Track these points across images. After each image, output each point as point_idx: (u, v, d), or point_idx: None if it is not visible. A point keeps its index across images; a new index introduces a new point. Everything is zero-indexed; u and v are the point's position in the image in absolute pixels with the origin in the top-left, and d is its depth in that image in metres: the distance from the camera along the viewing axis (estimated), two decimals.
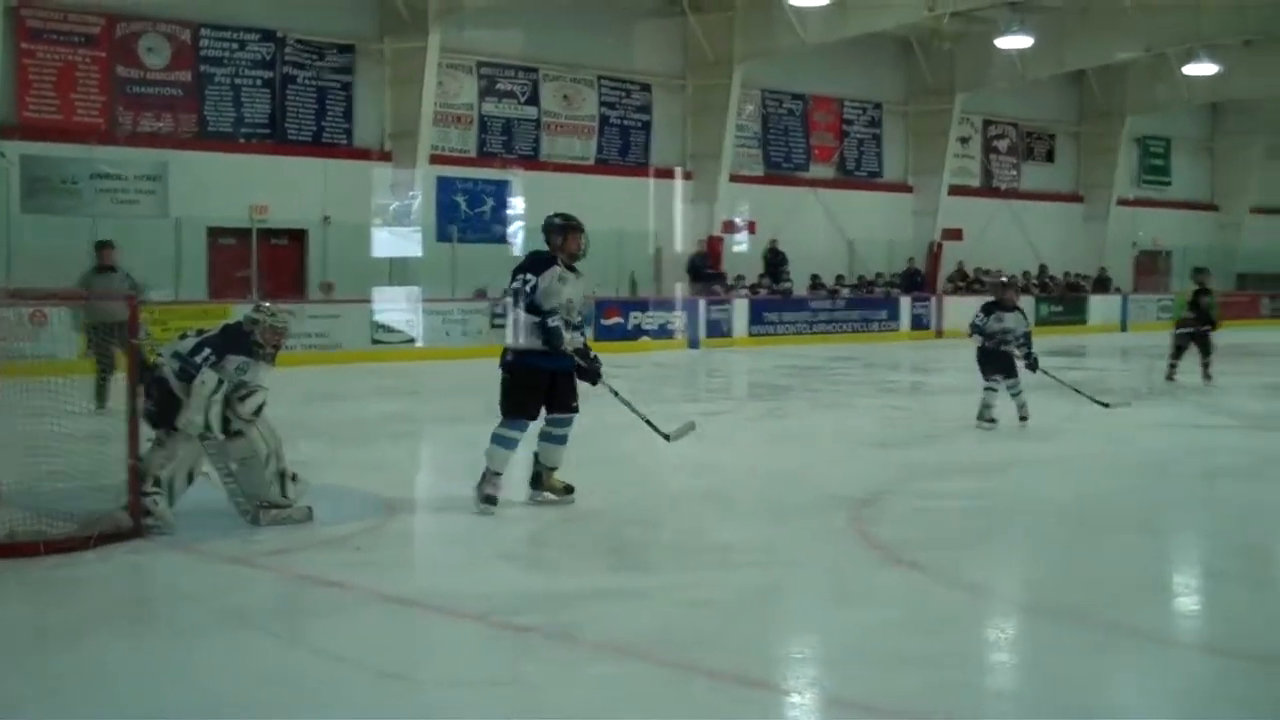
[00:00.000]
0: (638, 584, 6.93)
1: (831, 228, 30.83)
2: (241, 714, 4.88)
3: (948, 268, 32.51)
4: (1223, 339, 18.09)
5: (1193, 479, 10.51)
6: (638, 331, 24.73)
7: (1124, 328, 32.67)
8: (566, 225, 8.56)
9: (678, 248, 27.38)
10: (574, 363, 8.63)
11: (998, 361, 13.04)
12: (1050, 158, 36.69)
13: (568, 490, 8.75)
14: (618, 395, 8.90)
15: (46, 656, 5.57)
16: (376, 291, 22.39)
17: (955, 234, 32.41)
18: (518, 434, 8.62)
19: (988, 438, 12.61)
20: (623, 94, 27.96)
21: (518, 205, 25.66)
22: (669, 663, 5.42)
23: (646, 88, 28.16)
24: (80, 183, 20.85)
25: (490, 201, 25.37)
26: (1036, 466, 10.95)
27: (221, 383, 7.72)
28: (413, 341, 22.21)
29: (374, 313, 21.89)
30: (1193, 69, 31.11)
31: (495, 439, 8.58)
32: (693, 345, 25.31)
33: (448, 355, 21.54)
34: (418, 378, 19.12)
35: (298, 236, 23.46)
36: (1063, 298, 33.17)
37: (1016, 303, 13.52)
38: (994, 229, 33.67)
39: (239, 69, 22.96)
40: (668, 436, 9.05)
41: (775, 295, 28.42)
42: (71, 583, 6.71)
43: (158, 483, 7.68)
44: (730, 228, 28.54)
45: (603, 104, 27.70)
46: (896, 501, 9.20)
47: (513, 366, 8.55)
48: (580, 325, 8.83)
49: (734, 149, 28.70)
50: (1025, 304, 31.63)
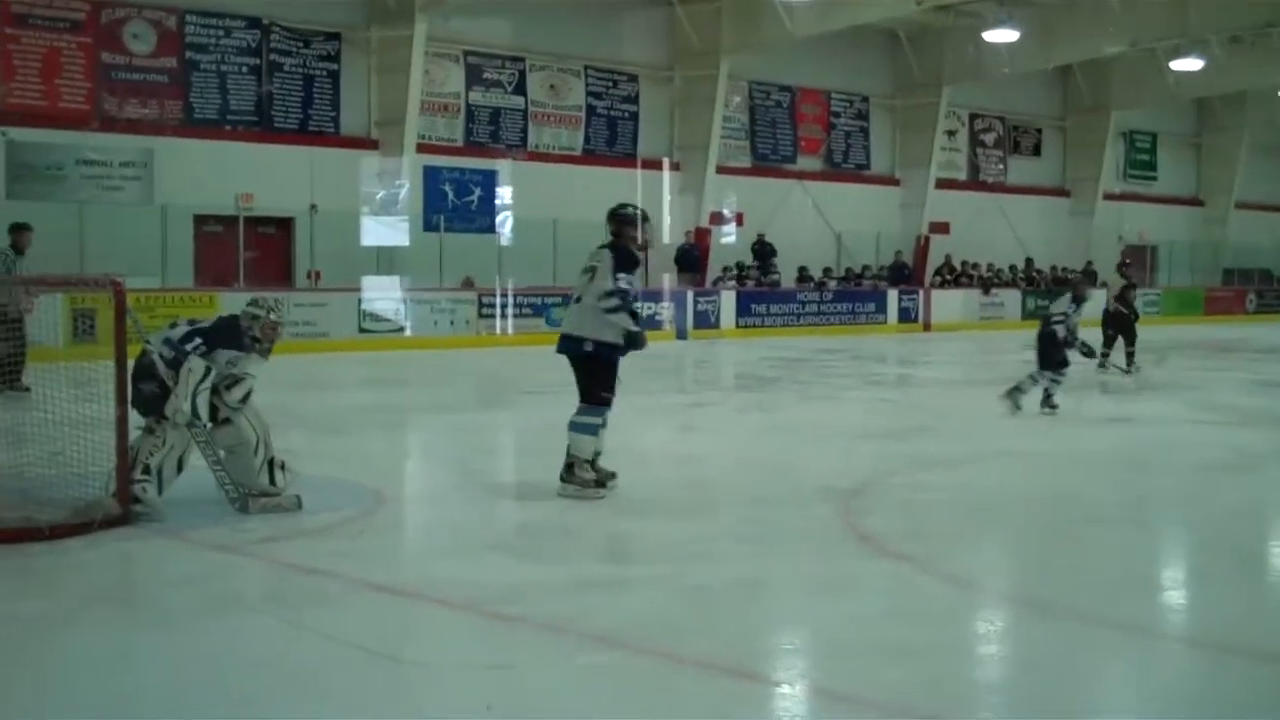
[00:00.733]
0: (627, 574, 6.94)
1: (819, 220, 30.89)
2: (227, 701, 4.87)
3: (935, 261, 32.57)
4: (1210, 335, 18.17)
5: (1180, 473, 10.53)
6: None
7: None
8: (640, 216, 8.71)
9: (665, 239, 27.38)
10: None
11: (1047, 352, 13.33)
12: (1037, 151, 36.78)
13: (613, 476, 8.78)
14: None
15: (33, 643, 5.55)
16: (364, 280, 22.38)
17: (942, 227, 32.49)
18: (603, 420, 8.67)
19: (975, 430, 12.64)
20: (610, 84, 27.95)
21: (505, 195, 25.64)
22: (657, 653, 5.41)
23: (634, 78, 28.16)
24: (66, 169, 20.82)
25: (477, 191, 25.35)
26: (1025, 459, 10.97)
27: (209, 370, 7.70)
28: (400, 330, 22.21)
29: (361, 302, 21.87)
30: (1179, 64, 31.17)
31: (583, 428, 8.59)
32: (680, 336, 25.36)
33: (435, 344, 21.55)
34: (405, 367, 19.13)
35: (285, 225, 23.42)
36: (1050, 291, 33.23)
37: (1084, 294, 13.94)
38: (981, 222, 33.77)
39: (225, 56, 22.94)
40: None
41: (763, 287, 28.45)
42: (59, 569, 6.70)
43: (147, 470, 7.66)
44: (718, 219, 28.58)
45: (589, 94, 27.70)
46: (884, 493, 9.21)
47: (600, 356, 8.57)
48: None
49: (721, 141, 28.73)
50: (1012, 297, 32.22)
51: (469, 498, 8.97)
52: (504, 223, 25.53)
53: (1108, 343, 18.59)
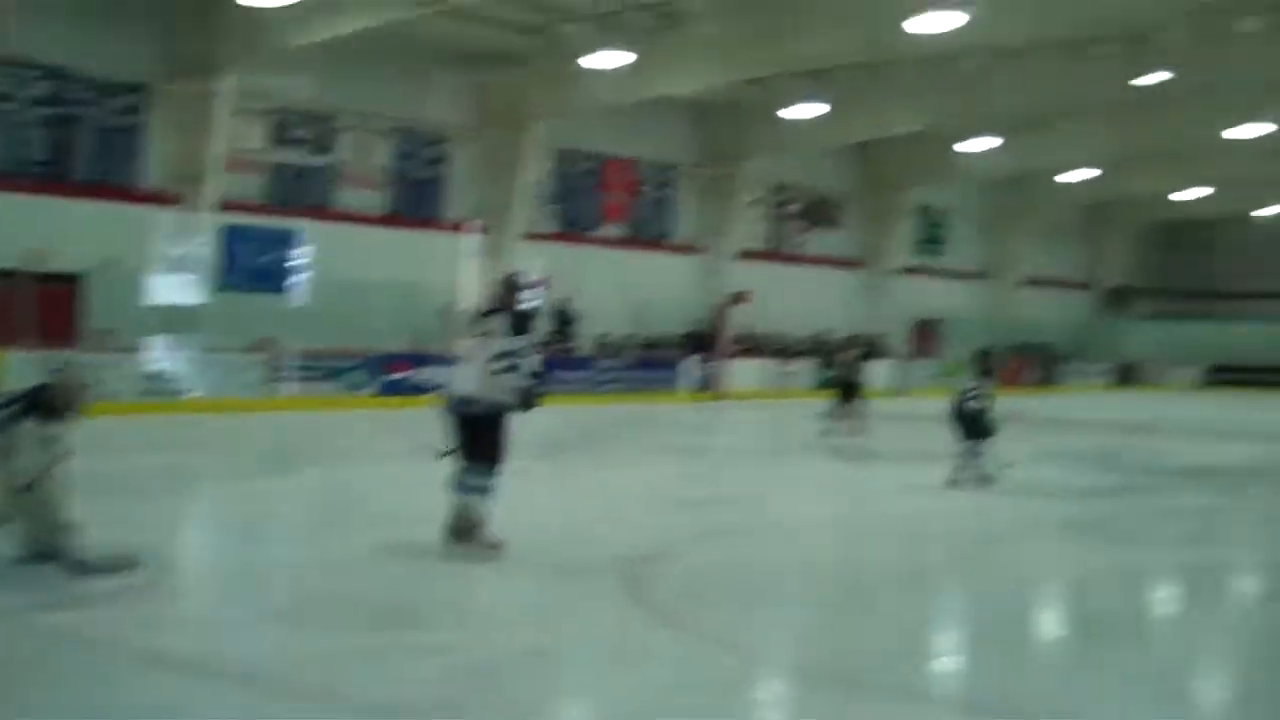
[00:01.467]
0: (410, 642, 6.84)
1: (623, 287, 31.10)
2: None
3: (734, 329, 33.05)
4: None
5: (961, 542, 10.86)
6: (425, 387, 24.43)
7: (903, 393, 33.48)
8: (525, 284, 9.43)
9: (464, 304, 27.29)
10: None
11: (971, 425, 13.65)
12: (835, 224, 37.70)
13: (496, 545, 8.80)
14: None
15: None
16: (149, 340, 21.71)
17: (743, 297, 33.06)
18: (495, 481, 8.76)
19: (766, 499, 12.85)
20: (417, 146, 27.87)
21: (305, 255, 25.29)
22: None
23: (441, 141, 28.12)
24: None
25: (278, 250, 24.95)
26: (813, 529, 11.19)
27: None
28: (188, 391, 21.60)
29: (147, 362, 21.25)
30: (968, 146, 32.38)
31: (474, 489, 8.70)
32: None
33: (224, 407, 21.05)
34: (192, 429, 18.63)
35: (73, 281, 22.64)
36: (829, 360, 33.94)
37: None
38: (780, 293, 34.43)
39: (20, 105, 22.20)
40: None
41: (561, 353, 28.50)
42: None
43: None
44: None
45: (396, 155, 27.56)
46: (675, 562, 9.30)
47: (491, 417, 8.71)
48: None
49: (528, 206, 28.81)
50: (808, 368, 32.87)
51: (249, 565, 8.81)
52: (300, 283, 25.15)
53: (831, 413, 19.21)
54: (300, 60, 24.17)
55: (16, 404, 7.68)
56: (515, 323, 8.93)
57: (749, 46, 25.25)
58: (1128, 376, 44.67)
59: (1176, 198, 41.57)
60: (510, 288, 9.33)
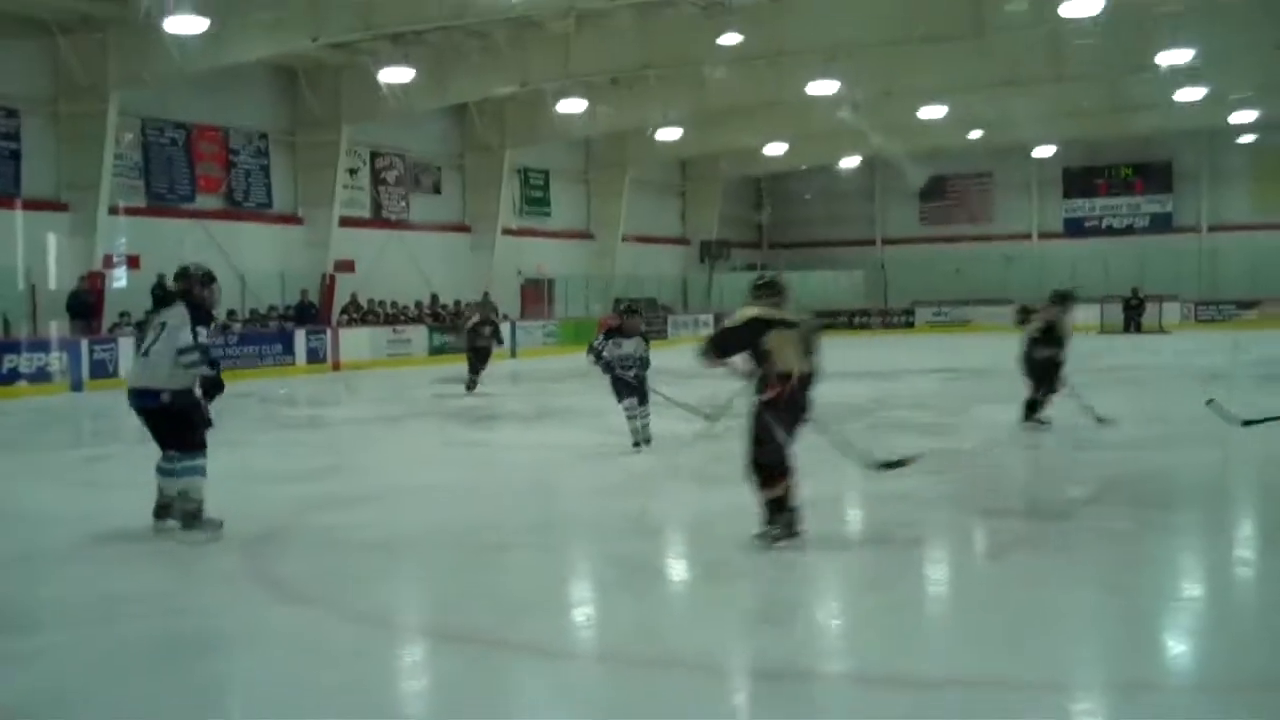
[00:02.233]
0: (14, 647, 6.40)
1: (222, 260, 30.02)
2: None
3: (342, 299, 32.55)
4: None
5: (581, 497, 11.05)
6: (13, 375, 22.98)
7: (514, 354, 33.82)
8: (208, 277, 9.13)
9: (52, 285, 25.77)
10: None
11: (627, 386, 13.28)
12: (438, 189, 37.59)
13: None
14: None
15: None
16: None
17: (348, 265, 32.58)
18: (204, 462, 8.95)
19: (386, 467, 12.75)
20: None
21: None
22: None
23: (14, 113, 26.30)
24: None
25: None
26: (435, 492, 11.16)
27: None
28: None
29: None
30: (564, 105, 32.86)
31: (190, 471, 8.84)
32: (76, 388, 23.86)
33: None
34: None
35: None
36: (454, 326, 34.02)
37: (640, 329, 13.85)
38: (386, 260, 34.13)
39: None
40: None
41: None
42: None
43: None
44: (110, 263, 27.18)
45: None
46: (294, 536, 9.10)
47: (178, 404, 8.79)
48: None
49: (114, 180, 27.36)
50: (419, 332, 32.74)
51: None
52: None
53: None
54: None
55: None
56: (195, 315, 8.84)
57: (332, 9, 24.92)
58: None
59: (765, 152, 43.49)
60: (187, 278, 9.12)
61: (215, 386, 8.95)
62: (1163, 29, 27.39)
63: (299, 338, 29.56)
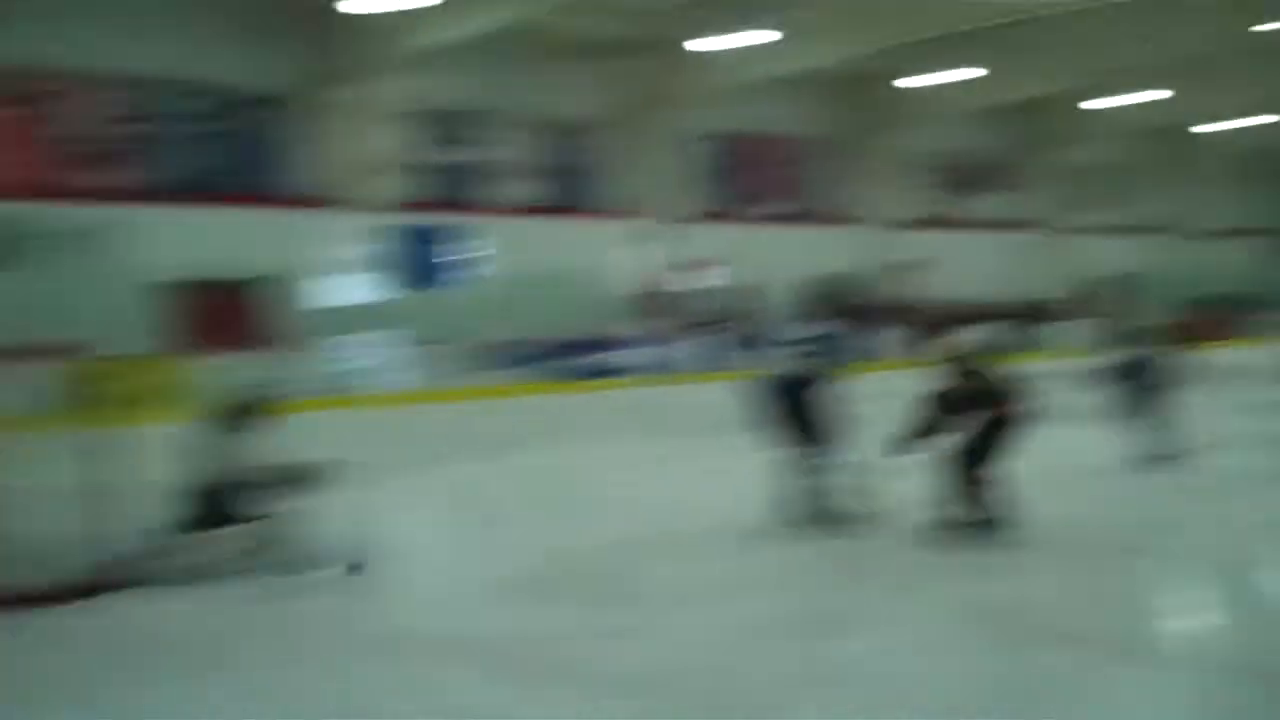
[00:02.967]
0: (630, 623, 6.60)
1: (795, 264, 30.50)
2: None
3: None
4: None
5: None
6: (613, 370, 24.60)
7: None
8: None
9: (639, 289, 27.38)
10: None
11: None
12: (1002, 188, 36.77)
13: None
14: None
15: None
16: (340, 339, 21.91)
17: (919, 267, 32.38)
18: None
19: None
20: (563, 138, 28.01)
21: (474, 250, 25.57)
22: None
23: (586, 132, 28.25)
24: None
25: (446, 246, 25.32)
26: None
27: None
28: (382, 386, 21.82)
29: (340, 360, 21.52)
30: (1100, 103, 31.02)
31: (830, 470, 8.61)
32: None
33: (416, 398, 21.03)
34: (383, 422, 18.13)
35: (239, 288, 22.77)
36: None
37: None
38: (953, 260, 33.50)
39: (173, 123, 23.01)
40: None
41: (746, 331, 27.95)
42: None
43: None
44: (695, 264, 28.26)
45: (545, 148, 27.79)
46: None
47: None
48: None
49: (683, 189, 28.69)
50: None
51: (480, 546, 8.94)
52: (472, 278, 25.54)
53: None
54: (439, 63, 24.30)
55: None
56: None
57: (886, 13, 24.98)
58: None
59: None
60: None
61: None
62: None
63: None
